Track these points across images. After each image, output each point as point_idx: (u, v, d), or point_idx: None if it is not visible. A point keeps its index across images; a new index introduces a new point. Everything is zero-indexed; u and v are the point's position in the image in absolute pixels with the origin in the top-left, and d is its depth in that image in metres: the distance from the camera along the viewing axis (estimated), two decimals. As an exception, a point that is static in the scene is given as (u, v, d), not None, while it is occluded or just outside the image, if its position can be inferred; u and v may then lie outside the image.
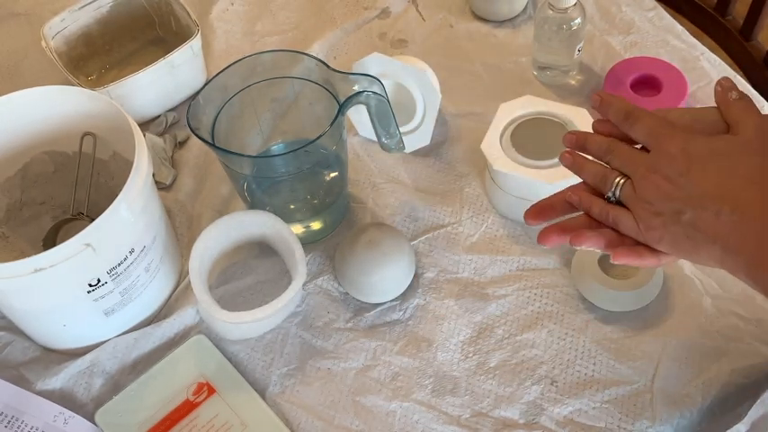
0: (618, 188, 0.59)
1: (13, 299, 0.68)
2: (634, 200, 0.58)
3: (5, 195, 0.80)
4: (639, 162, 0.59)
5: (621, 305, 0.73)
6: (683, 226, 0.55)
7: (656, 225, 0.57)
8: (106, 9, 0.93)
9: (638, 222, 0.58)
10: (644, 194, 0.58)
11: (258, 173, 0.76)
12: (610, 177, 0.60)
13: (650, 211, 0.57)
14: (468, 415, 0.69)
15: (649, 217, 0.57)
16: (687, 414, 0.68)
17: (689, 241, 0.56)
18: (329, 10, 1.02)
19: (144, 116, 0.90)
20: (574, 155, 0.64)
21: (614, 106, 0.62)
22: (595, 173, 0.62)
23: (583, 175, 0.64)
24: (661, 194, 0.57)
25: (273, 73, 0.75)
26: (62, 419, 0.69)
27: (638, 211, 0.58)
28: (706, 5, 1.19)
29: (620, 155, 0.60)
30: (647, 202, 0.57)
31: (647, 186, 0.57)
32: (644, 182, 0.58)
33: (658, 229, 0.57)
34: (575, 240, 0.60)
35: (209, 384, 0.72)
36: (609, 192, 0.60)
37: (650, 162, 0.58)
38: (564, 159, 0.65)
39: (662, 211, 0.56)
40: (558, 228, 0.62)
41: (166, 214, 0.78)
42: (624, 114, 0.61)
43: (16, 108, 0.74)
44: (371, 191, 0.84)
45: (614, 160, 0.61)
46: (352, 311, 0.76)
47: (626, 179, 0.59)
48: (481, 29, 0.98)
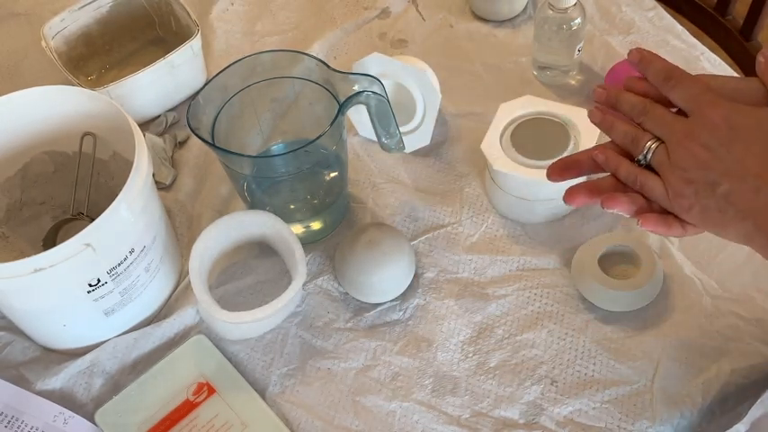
0: (650, 152, 0.57)
1: (13, 299, 0.68)
2: (666, 166, 0.56)
3: (5, 195, 0.80)
4: (677, 127, 0.56)
5: (621, 305, 0.73)
6: (717, 198, 0.53)
7: (687, 194, 0.55)
8: (106, 9, 0.93)
9: (668, 189, 0.56)
10: (678, 161, 0.55)
11: (258, 173, 0.76)
12: (642, 140, 0.57)
13: (683, 179, 0.55)
14: (468, 415, 0.69)
15: (681, 185, 0.55)
16: (687, 414, 0.68)
17: (719, 214, 0.54)
18: (329, 10, 1.02)
19: (144, 116, 0.90)
20: (604, 112, 0.61)
21: (654, 65, 0.59)
22: (626, 133, 0.59)
23: (612, 135, 0.61)
24: (697, 163, 0.54)
25: (273, 73, 0.75)
26: (62, 419, 0.69)
27: (670, 178, 0.56)
28: (706, 5, 1.20)
29: (655, 117, 0.57)
30: (680, 168, 0.55)
31: (682, 153, 0.55)
32: (680, 148, 0.55)
33: (689, 198, 0.55)
34: (607, 203, 0.57)
35: (209, 384, 0.72)
36: (640, 155, 0.58)
37: (689, 128, 0.55)
38: (592, 116, 0.61)
39: (696, 179, 0.54)
40: (586, 188, 0.59)
41: (166, 214, 0.78)
42: (665, 74, 0.58)
43: (16, 108, 0.74)
44: (371, 191, 0.84)
45: (648, 122, 0.58)
46: (352, 311, 0.76)
47: (659, 143, 0.57)
48: (481, 29, 0.98)
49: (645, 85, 0.60)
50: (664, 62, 0.59)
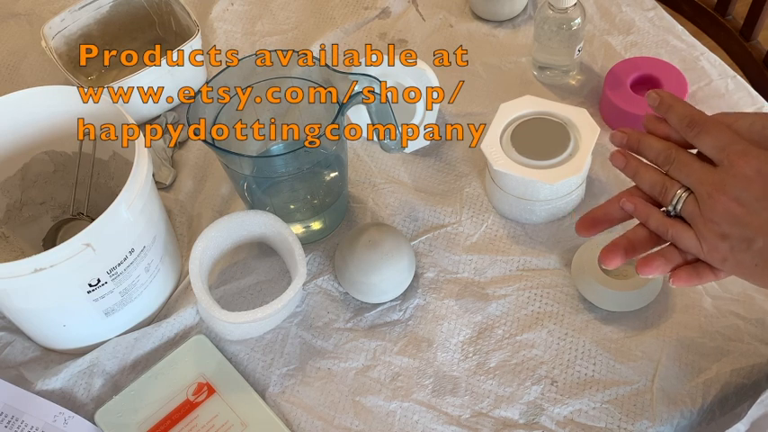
0: (680, 202, 0.55)
1: (13, 299, 0.68)
2: (698, 218, 0.54)
3: (5, 195, 0.80)
4: (706, 178, 0.54)
5: (621, 305, 0.73)
6: (753, 254, 0.52)
7: (721, 249, 0.53)
8: (106, 9, 0.93)
9: (702, 242, 0.54)
10: (710, 215, 0.53)
11: (258, 173, 0.76)
12: (671, 190, 0.56)
13: (716, 233, 0.53)
14: (468, 415, 0.69)
15: (715, 239, 0.53)
16: (687, 414, 0.68)
17: (756, 268, 0.53)
18: (329, 10, 1.02)
19: (144, 116, 0.90)
20: (628, 157, 0.59)
21: (676, 110, 0.57)
22: (653, 182, 0.57)
23: (637, 181, 0.59)
24: (731, 218, 0.52)
25: (273, 73, 0.75)
26: (62, 419, 0.69)
27: (703, 231, 0.54)
28: (706, 5, 1.20)
29: (682, 166, 0.55)
30: (713, 222, 0.53)
31: (714, 207, 0.53)
32: (711, 201, 0.53)
33: (723, 253, 0.53)
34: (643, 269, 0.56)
35: (209, 384, 0.72)
36: (669, 205, 0.56)
37: (719, 180, 0.53)
38: (616, 160, 0.60)
39: (730, 234, 0.53)
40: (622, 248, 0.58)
41: (166, 214, 0.78)
42: (689, 121, 0.56)
43: (16, 108, 0.74)
44: (371, 191, 0.84)
45: (675, 171, 0.56)
46: (352, 311, 0.76)
47: (689, 194, 0.55)
48: (481, 29, 0.98)
49: (665, 127, 0.58)
50: (685, 106, 0.57)
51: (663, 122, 0.58)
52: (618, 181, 0.82)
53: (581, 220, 0.60)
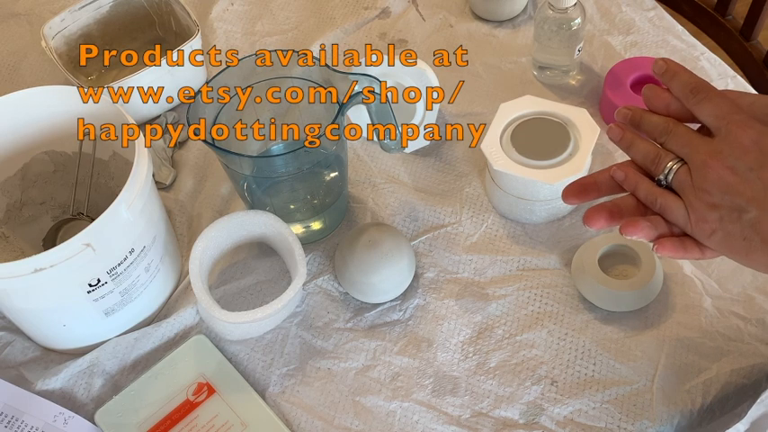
0: (671, 173, 0.54)
1: (13, 299, 0.68)
2: (689, 188, 0.53)
3: (5, 195, 0.80)
4: (701, 147, 0.53)
5: (621, 305, 0.73)
6: (743, 225, 0.51)
7: (710, 219, 0.52)
8: (106, 9, 0.93)
9: (690, 213, 0.53)
10: (702, 183, 0.52)
11: (258, 173, 0.76)
12: (664, 160, 0.55)
13: (706, 203, 0.52)
14: (468, 415, 0.69)
15: (704, 209, 0.52)
16: (687, 414, 0.68)
17: (744, 242, 0.51)
18: (329, 10, 1.02)
19: (144, 116, 0.90)
20: (624, 129, 0.59)
21: (680, 77, 0.56)
22: (646, 152, 0.57)
23: (631, 153, 0.58)
24: (723, 186, 0.51)
25: (273, 73, 0.75)
26: (62, 419, 0.69)
27: (692, 201, 0.53)
28: (706, 5, 1.20)
29: (678, 136, 0.55)
30: (704, 191, 0.52)
31: (707, 174, 0.52)
32: (705, 169, 0.52)
33: (712, 224, 0.52)
34: (626, 230, 0.55)
35: (209, 384, 0.72)
36: (660, 175, 0.55)
37: (715, 148, 0.52)
38: (612, 133, 0.59)
39: (720, 204, 0.52)
40: (607, 210, 0.57)
41: (166, 214, 0.78)
42: (691, 88, 0.55)
43: (16, 108, 0.74)
44: (371, 191, 0.84)
45: (671, 141, 0.55)
46: (352, 311, 0.76)
47: (682, 164, 0.54)
48: (481, 29, 0.98)
49: (667, 98, 0.57)
50: (690, 75, 0.56)
51: (663, 92, 0.58)
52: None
53: (569, 186, 0.59)
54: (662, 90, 0.58)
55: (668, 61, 0.58)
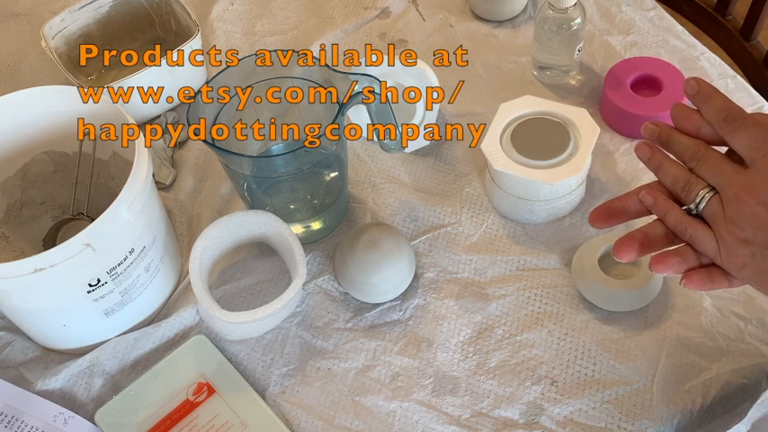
0: (703, 202, 0.53)
1: (13, 299, 0.68)
2: (720, 220, 0.52)
3: (5, 195, 0.80)
4: (735, 178, 0.51)
5: (621, 305, 0.73)
6: None
7: (741, 254, 0.51)
8: (106, 9, 0.93)
9: (721, 246, 0.52)
10: (735, 217, 0.51)
11: (258, 173, 0.76)
12: (695, 187, 0.53)
13: (738, 237, 0.51)
14: (468, 415, 0.69)
15: (736, 243, 0.51)
16: (687, 414, 0.68)
17: None
18: (329, 10, 1.02)
19: (144, 116, 0.90)
20: (654, 149, 0.57)
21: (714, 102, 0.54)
22: (676, 177, 0.55)
23: (660, 175, 0.57)
24: (756, 222, 0.50)
25: (273, 73, 0.75)
26: (62, 419, 0.69)
27: (724, 235, 0.52)
28: (706, 5, 1.20)
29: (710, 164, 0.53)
30: (736, 225, 0.51)
31: (740, 209, 0.50)
32: (738, 203, 0.51)
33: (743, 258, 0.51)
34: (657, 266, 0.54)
35: (209, 384, 0.72)
36: (691, 203, 0.54)
37: (749, 181, 0.51)
38: (640, 151, 0.57)
39: (753, 240, 0.50)
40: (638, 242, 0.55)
41: (166, 214, 0.78)
42: (726, 115, 0.53)
43: (16, 108, 0.74)
44: (371, 191, 0.84)
45: (702, 168, 0.53)
46: (352, 311, 0.76)
47: (714, 193, 0.53)
48: (481, 29, 0.98)
49: (698, 120, 0.55)
50: (724, 100, 0.54)
51: (694, 113, 0.55)
52: (618, 181, 0.82)
53: (596, 210, 0.58)
54: (692, 111, 0.56)
55: (700, 82, 0.55)
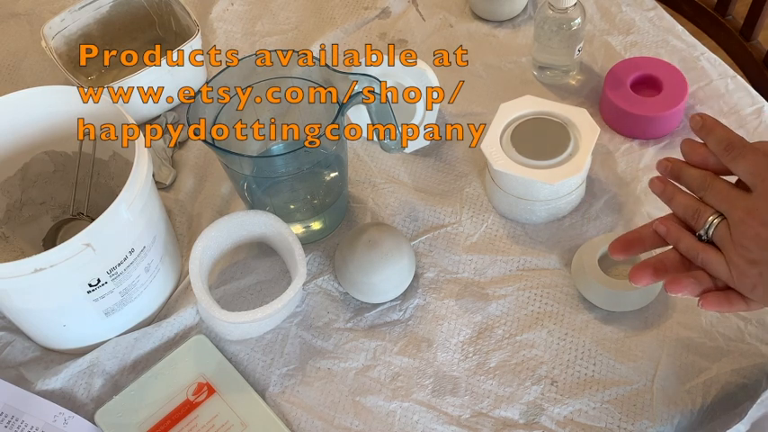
0: (711, 227, 0.56)
1: (14, 299, 0.68)
2: (728, 243, 0.55)
3: (5, 195, 0.80)
4: (738, 203, 0.55)
5: (621, 305, 0.73)
6: None
7: (750, 274, 0.53)
8: (106, 9, 0.93)
9: (731, 268, 0.55)
10: (741, 239, 0.54)
11: (258, 173, 0.76)
12: (703, 215, 0.57)
13: (746, 259, 0.54)
14: (468, 415, 0.69)
15: (744, 265, 0.54)
16: (687, 414, 0.68)
17: None
18: (329, 10, 1.02)
19: (144, 116, 0.90)
20: (665, 183, 0.61)
21: (715, 134, 0.58)
22: (687, 206, 0.59)
23: (672, 206, 0.61)
24: (761, 243, 0.53)
25: (273, 73, 0.75)
26: (62, 419, 0.69)
27: (733, 257, 0.54)
28: (706, 5, 1.20)
29: (716, 192, 0.57)
30: (743, 247, 0.54)
31: (744, 231, 0.53)
32: (742, 226, 0.54)
33: (752, 278, 0.53)
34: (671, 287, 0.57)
35: (209, 384, 0.72)
36: (701, 230, 0.57)
37: (751, 205, 0.54)
38: (654, 186, 0.62)
39: (759, 260, 0.53)
40: (651, 267, 0.59)
41: (166, 214, 0.78)
42: (726, 145, 0.57)
43: (16, 108, 0.74)
44: (371, 191, 0.84)
45: (709, 196, 0.57)
46: (352, 311, 0.76)
47: (721, 219, 0.56)
48: (481, 29, 0.98)
49: (704, 152, 0.59)
50: (725, 131, 0.58)
51: (701, 146, 0.60)
52: (618, 181, 0.82)
53: (615, 242, 0.61)
54: (699, 144, 0.60)
55: (704, 117, 0.59)
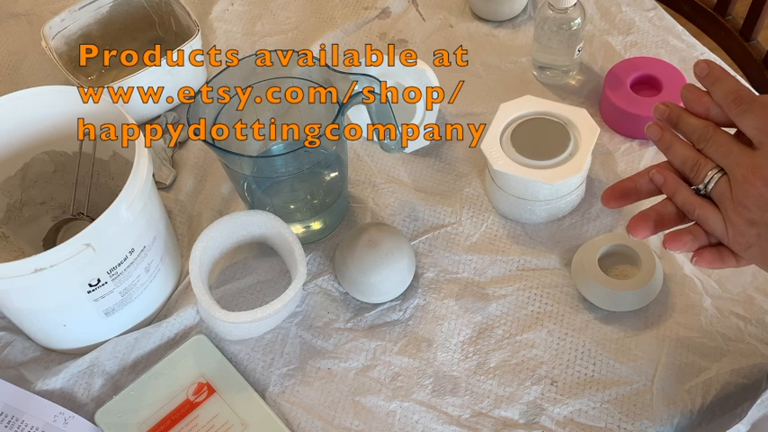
0: (711, 182, 0.53)
1: (14, 299, 0.68)
2: (728, 201, 0.52)
3: (5, 195, 0.80)
4: (743, 160, 0.52)
5: (621, 305, 0.73)
6: None
7: (748, 234, 0.51)
8: (106, 9, 0.93)
9: (728, 226, 0.52)
10: (742, 198, 0.51)
11: (258, 173, 0.76)
12: (703, 168, 0.54)
13: (745, 218, 0.51)
14: (468, 415, 0.69)
15: (743, 224, 0.52)
16: (687, 414, 0.68)
17: None
18: (329, 10, 1.02)
19: (144, 116, 0.90)
20: (664, 129, 0.57)
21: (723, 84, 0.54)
22: (685, 157, 0.55)
23: (669, 156, 0.57)
24: (763, 203, 0.50)
25: (273, 73, 0.75)
26: (62, 419, 0.69)
27: (731, 216, 0.52)
28: (706, 5, 1.20)
29: (719, 146, 0.53)
30: (743, 207, 0.51)
31: (747, 190, 0.51)
32: (745, 184, 0.51)
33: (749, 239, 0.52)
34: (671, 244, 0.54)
35: (209, 384, 0.72)
36: (700, 184, 0.54)
37: (756, 162, 0.51)
38: (651, 131, 0.58)
39: (759, 221, 0.51)
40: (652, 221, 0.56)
41: (166, 214, 0.78)
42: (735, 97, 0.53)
43: (16, 108, 0.74)
44: (371, 191, 0.84)
45: (710, 149, 0.54)
46: (352, 311, 0.76)
47: (722, 174, 0.53)
48: (481, 29, 0.98)
49: (708, 102, 0.55)
50: (734, 82, 0.54)
51: (704, 95, 0.56)
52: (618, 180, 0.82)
53: (608, 190, 0.58)
54: (702, 93, 0.56)
55: (711, 64, 0.55)
